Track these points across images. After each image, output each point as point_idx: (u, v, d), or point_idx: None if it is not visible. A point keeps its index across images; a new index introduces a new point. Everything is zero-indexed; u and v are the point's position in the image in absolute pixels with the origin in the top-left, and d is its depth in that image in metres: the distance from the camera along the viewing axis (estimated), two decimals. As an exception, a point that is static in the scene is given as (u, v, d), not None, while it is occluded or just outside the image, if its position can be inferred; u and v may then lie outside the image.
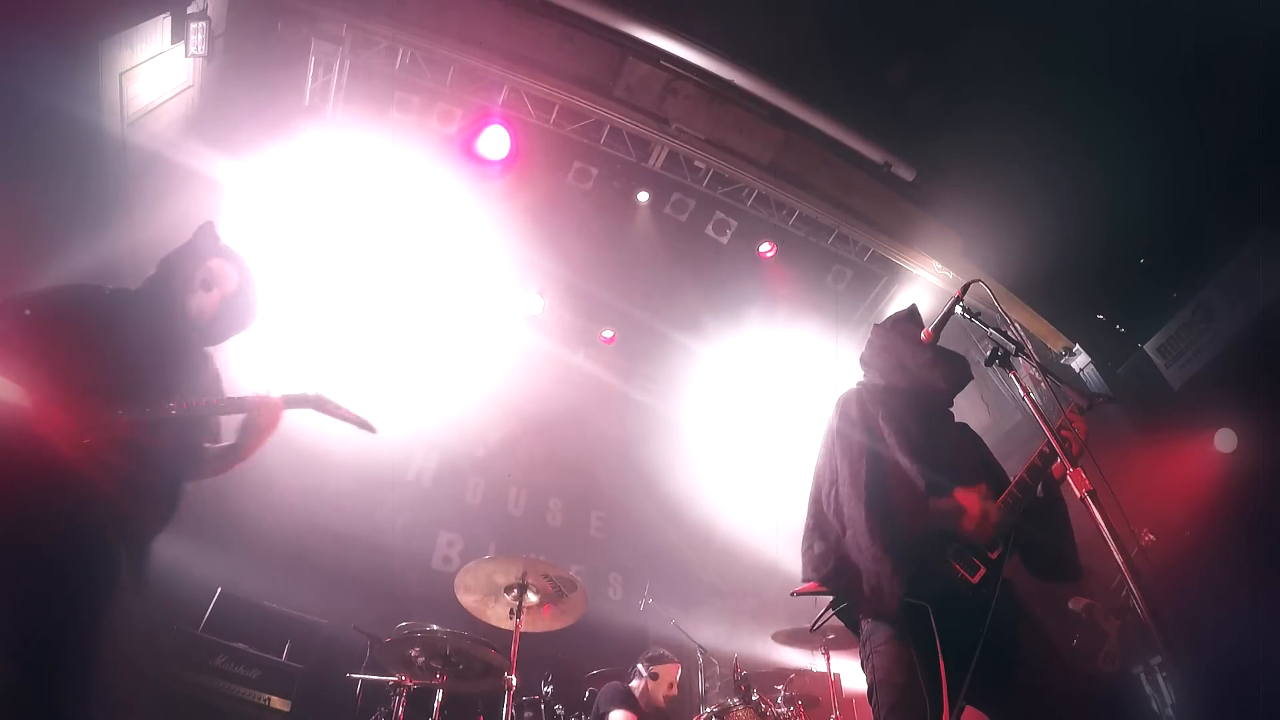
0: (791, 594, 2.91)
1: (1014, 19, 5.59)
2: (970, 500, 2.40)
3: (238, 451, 2.68)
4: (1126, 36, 5.26)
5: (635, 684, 5.18)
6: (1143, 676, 5.12)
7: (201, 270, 2.67)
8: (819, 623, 3.03)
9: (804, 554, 2.65)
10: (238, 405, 2.62)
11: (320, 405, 2.77)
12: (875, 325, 3.12)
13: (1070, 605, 5.29)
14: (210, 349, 2.79)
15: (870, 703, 2.42)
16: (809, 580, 2.64)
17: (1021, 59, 5.68)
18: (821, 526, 2.63)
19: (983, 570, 2.38)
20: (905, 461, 2.54)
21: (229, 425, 2.72)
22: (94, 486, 2.19)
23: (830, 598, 2.69)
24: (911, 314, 3.08)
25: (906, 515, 2.45)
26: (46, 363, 2.26)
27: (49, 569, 2.11)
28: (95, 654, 2.17)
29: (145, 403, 2.39)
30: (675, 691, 5.30)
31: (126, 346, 2.47)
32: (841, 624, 2.67)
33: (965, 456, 2.79)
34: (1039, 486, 2.48)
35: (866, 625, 2.51)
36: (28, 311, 2.39)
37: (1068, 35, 5.47)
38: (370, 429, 2.85)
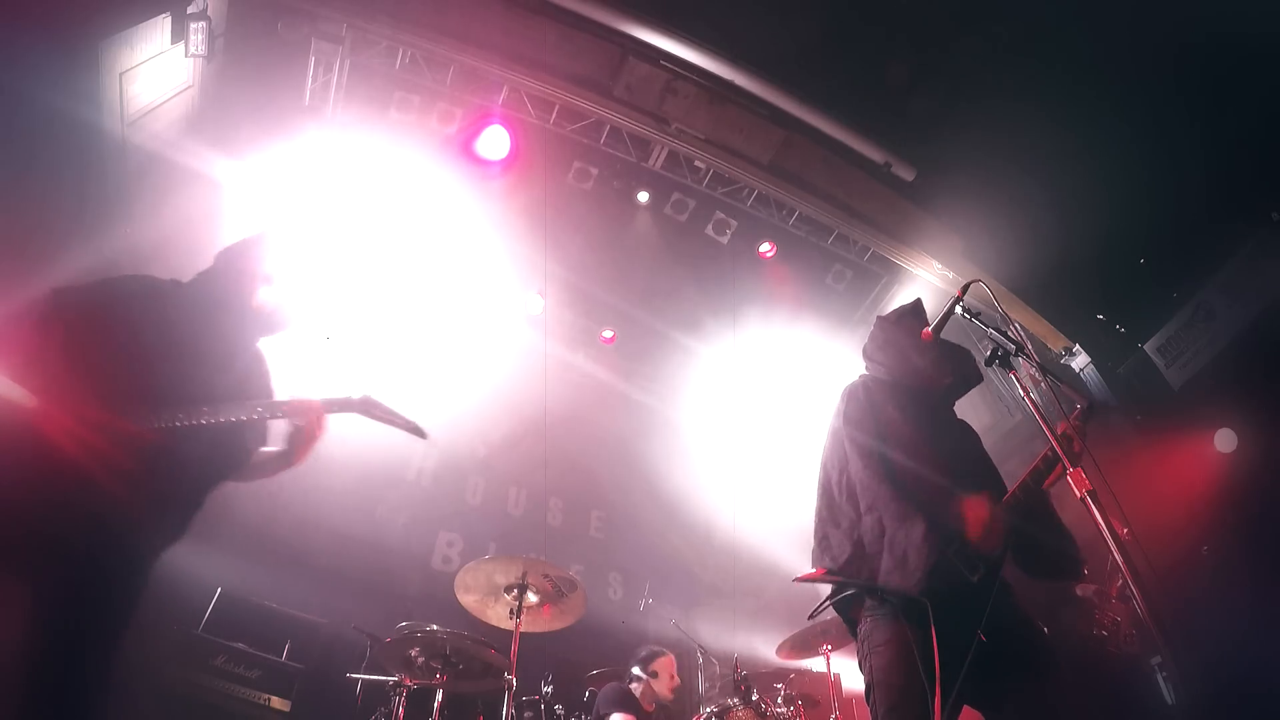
0: (794, 580, 2.91)
1: (1013, 19, 5.59)
2: (980, 508, 2.38)
3: (287, 459, 2.61)
4: (1126, 36, 5.27)
5: (634, 686, 5.17)
6: (1143, 674, 5.11)
7: (266, 264, 2.64)
8: (817, 612, 3.02)
9: (818, 543, 2.66)
10: (274, 410, 2.53)
11: (367, 409, 2.66)
12: (879, 318, 3.11)
13: (1078, 592, 5.28)
14: (261, 351, 2.74)
15: (868, 702, 2.42)
16: (821, 566, 2.64)
17: (1021, 59, 5.68)
18: (835, 514, 2.63)
19: (981, 570, 2.37)
20: (912, 455, 2.54)
21: (277, 429, 2.64)
22: (114, 498, 2.12)
23: (828, 589, 2.69)
24: (916, 309, 3.06)
25: (923, 496, 2.45)
26: (82, 365, 2.19)
27: (67, 586, 2.06)
28: (112, 667, 2.11)
29: (189, 402, 2.31)
30: (678, 681, 5.30)
31: (176, 342, 2.40)
32: (839, 619, 2.68)
33: (968, 453, 2.79)
34: (1043, 485, 2.46)
35: (865, 625, 2.51)
36: (70, 309, 2.32)
37: (1067, 35, 5.47)
38: (422, 434, 2.74)
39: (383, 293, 6.68)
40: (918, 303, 3.10)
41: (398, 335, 6.88)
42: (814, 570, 2.69)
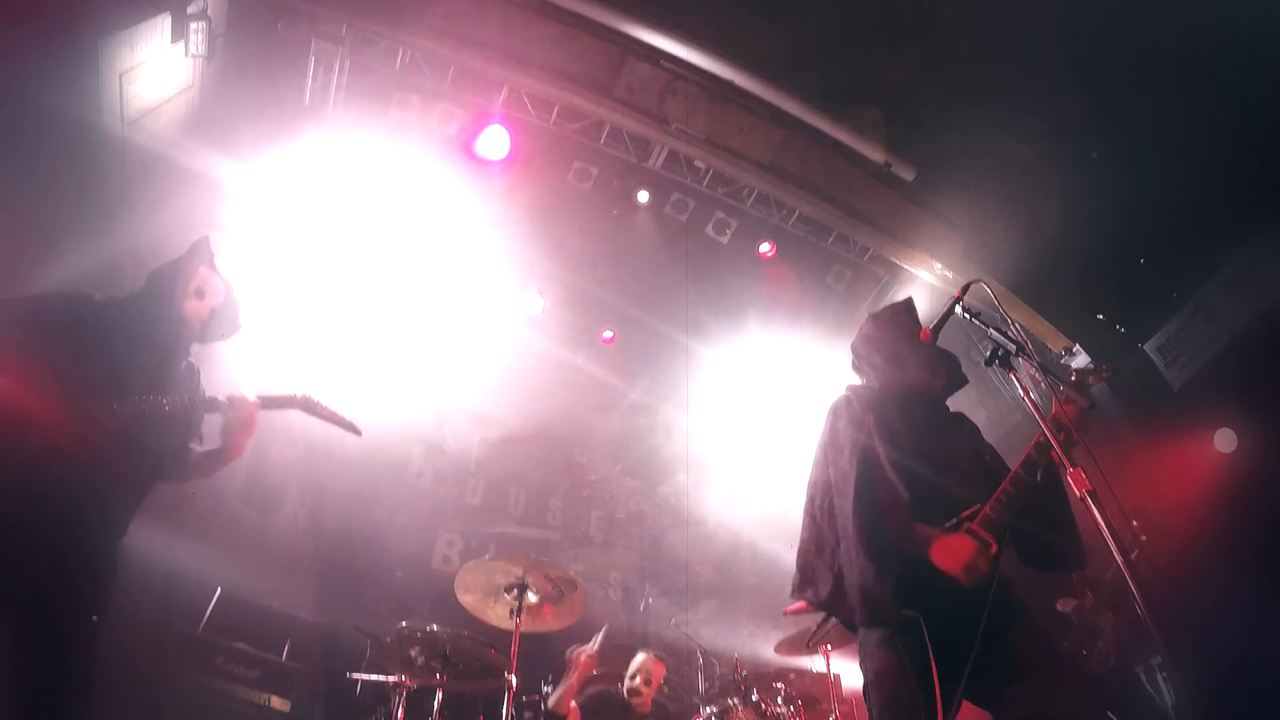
0: (784, 613, 2.89)
1: (1014, 19, 5.59)
2: (959, 550, 2.33)
3: (223, 454, 2.76)
4: (1126, 35, 5.27)
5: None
6: (1143, 676, 5.12)
7: (196, 279, 2.76)
8: (815, 638, 3.01)
9: (800, 570, 2.65)
10: (214, 405, 2.71)
11: (307, 406, 2.85)
12: (871, 316, 3.06)
13: (1059, 607, 5.29)
14: (194, 361, 2.86)
15: (866, 702, 2.42)
16: (804, 600, 2.63)
17: (1022, 59, 5.68)
18: (817, 539, 2.63)
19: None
20: (894, 475, 2.51)
21: (212, 429, 2.79)
22: (90, 479, 2.24)
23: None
24: (908, 307, 3.02)
25: (894, 527, 2.43)
26: (40, 360, 2.31)
27: (47, 561, 2.15)
28: (96, 646, 2.19)
29: (136, 400, 2.45)
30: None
31: (116, 350, 2.54)
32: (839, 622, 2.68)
33: (963, 458, 2.74)
34: (1037, 475, 2.44)
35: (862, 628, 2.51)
36: (20, 314, 2.46)
37: (1068, 35, 5.47)
38: (355, 431, 2.93)
39: (383, 293, 6.69)
40: (909, 302, 3.07)
41: (398, 335, 6.88)
42: (798, 603, 2.70)
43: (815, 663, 5.52)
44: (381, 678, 4.38)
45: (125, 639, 3.98)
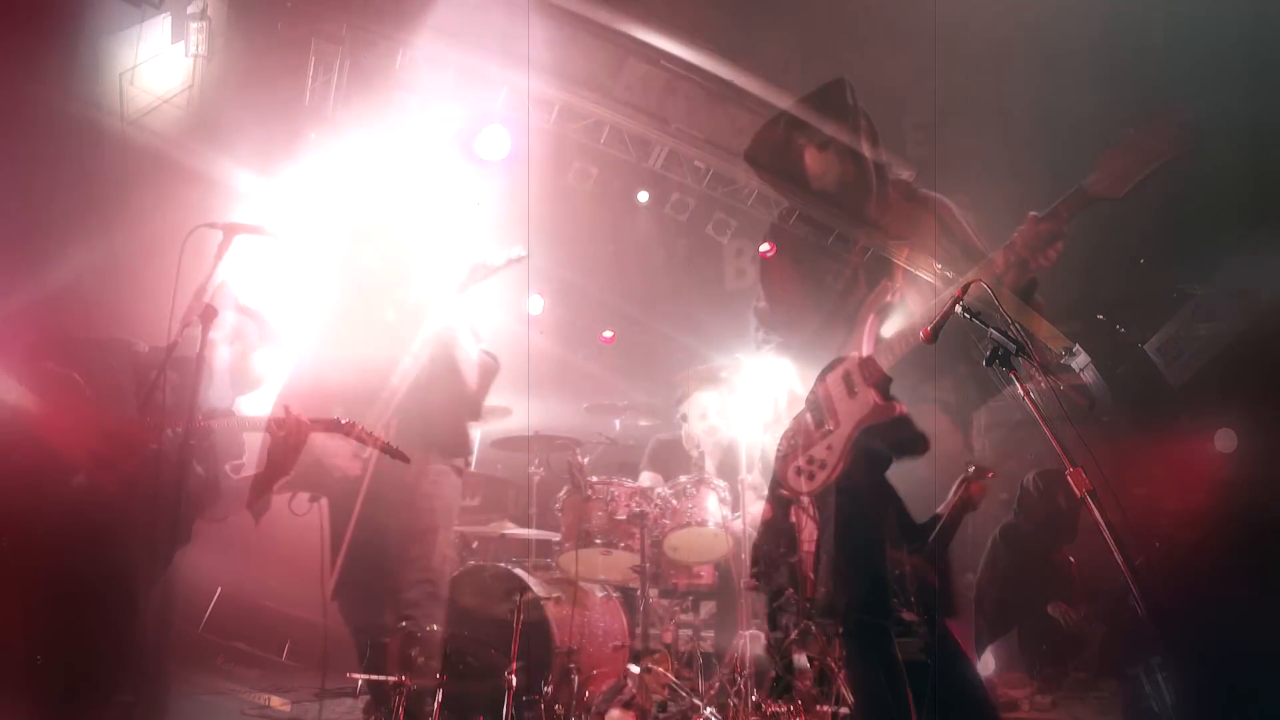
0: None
1: (1015, 20, 5.60)
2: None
3: (269, 477, 2.86)
4: (1126, 34, 5.27)
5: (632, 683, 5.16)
6: (1142, 675, 5.12)
7: (222, 326, 2.77)
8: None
9: (755, 559, 2.78)
10: (261, 423, 2.76)
11: (352, 432, 2.92)
12: (808, 405, 3.13)
13: (1049, 610, 5.32)
14: (235, 409, 2.91)
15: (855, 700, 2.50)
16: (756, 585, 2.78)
17: (1022, 58, 5.68)
18: (782, 538, 2.74)
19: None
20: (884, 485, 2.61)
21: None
22: (122, 505, 2.31)
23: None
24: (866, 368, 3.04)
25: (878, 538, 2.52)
26: (80, 398, 2.41)
27: (78, 578, 2.16)
28: (126, 660, 2.22)
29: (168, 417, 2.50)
30: (671, 677, 5.22)
31: (154, 397, 2.57)
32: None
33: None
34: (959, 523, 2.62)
35: (840, 640, 2.61)
36: (59, 354, 2.54)
37: (1069, 35, 5.48)
38: (405, 459, 2.95)
39: (381, 294, 6.67)
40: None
41: (396, 336, 6.86)
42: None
43: (815, 662, 5.51)
44: (382, 678, 4.38)
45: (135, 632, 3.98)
